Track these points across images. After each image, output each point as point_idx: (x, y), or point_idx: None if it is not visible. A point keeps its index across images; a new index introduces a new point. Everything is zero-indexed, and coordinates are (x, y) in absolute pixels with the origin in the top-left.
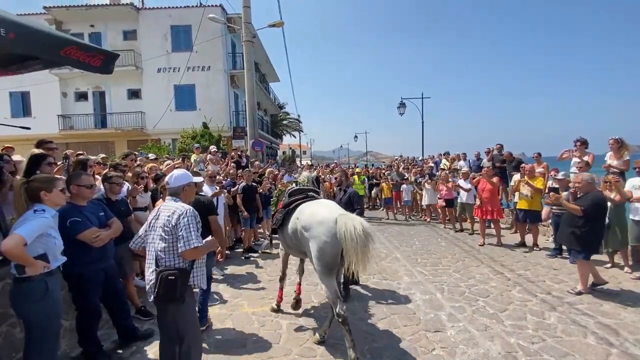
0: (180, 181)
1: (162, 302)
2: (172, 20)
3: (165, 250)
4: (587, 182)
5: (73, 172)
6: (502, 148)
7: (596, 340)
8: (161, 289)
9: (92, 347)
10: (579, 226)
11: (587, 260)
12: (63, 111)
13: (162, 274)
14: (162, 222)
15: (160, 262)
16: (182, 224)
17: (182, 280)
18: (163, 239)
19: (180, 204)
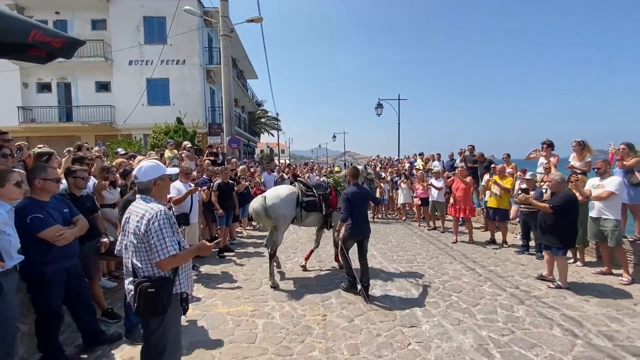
0: (150, 174)
1: (143, 317)
2: (145, 10)
3: (140, 259)
4: (557, 182)
5: (36, 165)
6: (474, 149)
7: (562, 332)
8: (141, 302)
9: (52, 351)
10: (553, 223)
11: (564, 255)
12: (24, 103)
13: (140, 287)
14: (132, 227)
15: (138, 272)
16: (154, 231)
17: (164, 291)
18: (136, 247)
19: (150, 206)
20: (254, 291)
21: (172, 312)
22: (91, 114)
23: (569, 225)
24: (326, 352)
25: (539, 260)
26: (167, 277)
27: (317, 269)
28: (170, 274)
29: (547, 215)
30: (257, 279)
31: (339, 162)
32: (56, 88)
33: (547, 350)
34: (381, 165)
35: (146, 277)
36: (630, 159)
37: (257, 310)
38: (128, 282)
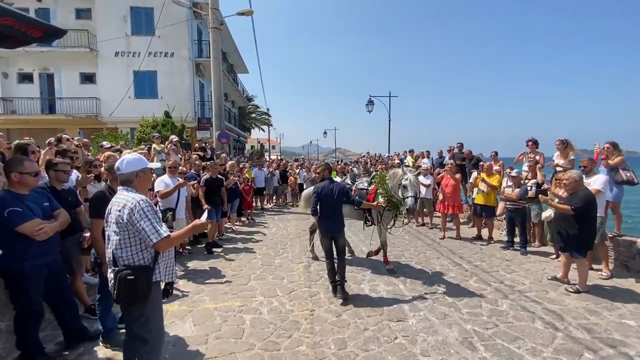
0: (132, 166)
1: (123, 304)
2: (132, 0)
3: (121, 248)
4: (575, 180)
5: (13, 158)
6: (463, 147)
7: (543, 325)
8: (121, 290)
9: (32, 349)
10: (572, 225)
11: (584, 258)
12: (3, 93)
13: (120, 274)
14: (114, 217)
15: (119, 261)
16: (140, 217)
17: (143, 279)
18: (117, 235)
19: (131, 195)
20: (242, 287)
21: (154, 300)
22: (75, 106)
23: (588, 226)
24: (313, 346)
25: (523, 255)
26: (146, 266)
27: (306, 264)
28: (150, 262)
29: (565, 216)
30: (246, 274)
31: (330, 159)
32: (38, 79)
33: (529, 342)
34: (371, 162)
35: (126, 265)
36: (614, 158)
37: (245, 306)
38: (109, 271)
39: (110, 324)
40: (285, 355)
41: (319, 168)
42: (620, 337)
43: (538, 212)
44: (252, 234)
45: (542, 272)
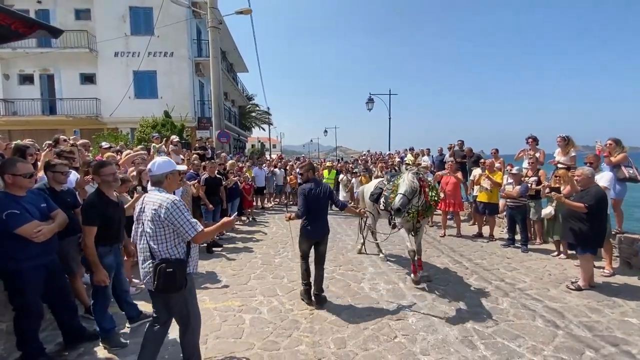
0: (162, 169)
1: (163, 294)
2: (131, 0)
3: (158, 243)
4: (588, 177)
5: (7, 159)
6: (463, 144)
7: (544, 323)
8: (161, 281)
9: (32, 349)
10: (584, 222)
11: (594, 255)
12: (5, 95)
13: (159, 267)
14: (149, 215)
15: (156, 255)
16: (177, 215)
17: (179, 271)
18: (154, 232)
19: (165, 195)
20: (242, 286)
21: (190, 288)
22: (76, 106)
23: (599, 223)
24: (313, 346)
25: (523, 253)
26: (181, 259)
27: None
28: (183, 255)
29: (576, 213)
30: (245, 274)
31: (331, 157)
32: (39, 80)
33: (529, 341)
34: (371, 160)
35: (164, 259)
36: (617, 155)
37: (245, 306)
38: (146, 264)
39: (107, 324)
40: (285, 354)
41: (302, 168)
42: (622, 335)
43: (537, 210)
44: (253, 233)
45: (543, 269)
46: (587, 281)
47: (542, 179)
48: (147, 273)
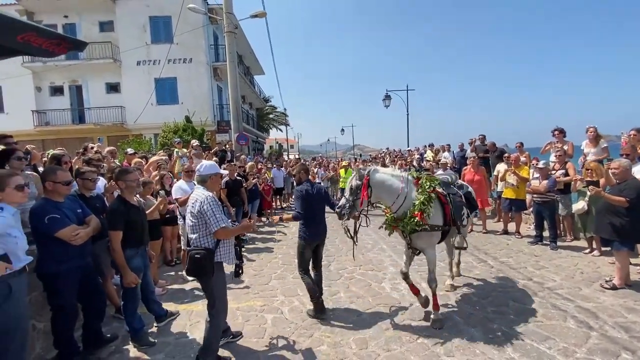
0: (208, 170)
1: (193, 276)
2: (151, 10)
3: (193, 233)
4: (626, 169)
5: (47, 168)
6: (485, 138)
7: (576, 324)
8: (190, 265)
9: (68, 348)
10: (622, 216)
11: (631, 251)
12: (38, 106)
13: (190, 253)
14: (189, 209)
15: (192, 243)
16: (206, 209)
17: (206, 258)
18: (192, 223)
19: (203, 192)
20: (263, 286)
21: (218, 275)
22: (102, 115)
23: (637, 218)
24: (334, 346)
25: (553, 251)
26: (209, 248)
27: (326, 263)
28: (212, 245)
29: (613, 208)
30: (267, 274)
31: (348, 156)
32: (68, 91)
33: (560, 342)
34: (390, 158)
35: (195, 246)
36: None
37: (266, 306)
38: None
39: (137, 324)
40: (307, 354)
41: (294, 170)
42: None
43: (567, 205)
44: (272, 233)
45: (574, 267)
46: (622, 279)
47: (570, 172)
48: None
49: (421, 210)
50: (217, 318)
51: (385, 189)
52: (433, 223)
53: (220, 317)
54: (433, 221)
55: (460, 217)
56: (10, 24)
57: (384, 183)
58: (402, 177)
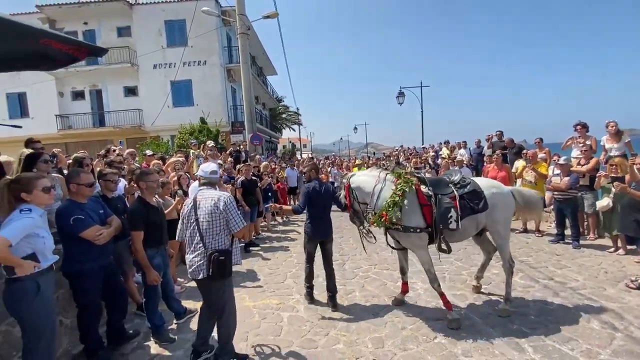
0: (217, 173)
1: (215, 280)
2: (166, 14)
3: (212, 235)
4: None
5: (71, 170)
6: (502, 134)
7: (600, 325)
8: (215, 269)
9: (93, 344)
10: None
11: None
12: (61, 111)
13: (213, 256)
14: (207, 209)
15: (208, 245)
16: (231, 208)
17: (228, 260)
18: (210, 224)
19: (221, 192)
20: (279, 285)
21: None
22: (121, 118)
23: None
24: (350, 345)
25: (575, 249)
26: (229, 250)
27: (340, 262)
28: (229, 246)
29: (638, 204)
30: (282, 272)
31: (362, 154)
32: (89, 95)
33: (583, 344)
34: (405, 156)
35: (215, 249)
36: None
37: (282, 304)
38: (195, 254)
39: (158, 321)
40: (323, 353)
41: (305, 168)
42: None
43: (592, 202)
44: (287, 232)
45: (598, 267)
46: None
47: (592, 165)
48: (194, 262)
49: (385, 211)
50: (229, 319)
51: (362, 189)
52: (408, 224)
53: (232, 317)
54: (408, 222)
55: (446, 220)
56: (34, 30)
57: (360, 184)
58: (377, 176)
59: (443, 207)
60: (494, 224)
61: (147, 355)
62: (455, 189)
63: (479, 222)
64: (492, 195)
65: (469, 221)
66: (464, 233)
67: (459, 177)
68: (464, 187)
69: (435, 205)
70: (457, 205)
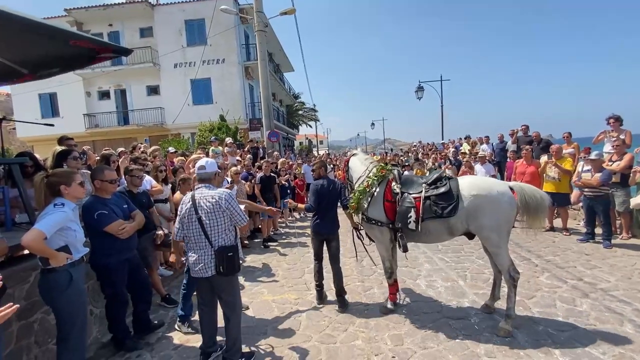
0: (213, 167)
1: (225, 277)
2: (186, 14)
3: (217, 232)
4: None
5: (96, 167)
6: (528, 129)
7: (634, 329)
8: (224, 266)
9: (120, 333)
10: None
11: None
12: (88, 110)
13: (223, 253)
14: (208, 207)
15: (215, 243)
16: (234, 205)
17: (236, 255)
18: (214, 222)
19: (220, 190)
20: (297, 280)
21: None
22: (144, 116)
23: None
24: (369, 341)
25: (606, 249)
26: (235, 245)
27: (359, 258)
28: (234, 242)
29: None
30: (300, 268)
31: (379, 150)
32: (114, 95)
33: (615, 348)
34: (423, 152)
35: (222, 246)
36: None
37: (300, 299)
38: (201, 253)
39: (187, 310)
40: (341, 348)
41: (314, 165)
42: None
43: (625, 199)
44: (305, 228)
45: (631, 267)
46: None
47: (625, 163)
48: (201, 261)
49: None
50: (237, 316)
51: (353, 172)
52: (371, 216)
53: (240, 314)
54: (371, 214)
55: (405, 220)
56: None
57: (353, 167)
58: (367, 167)
59: (404, 207)
60: (481, 230)
61: (171, 345)
62: (424, 189)
63: (452, 226)
64: (474, 199)
65: (437, 224)
66: (430, 235)
67: (434, 177)
68: (437, 189)
69: (397, 203)
70: (419, 207)
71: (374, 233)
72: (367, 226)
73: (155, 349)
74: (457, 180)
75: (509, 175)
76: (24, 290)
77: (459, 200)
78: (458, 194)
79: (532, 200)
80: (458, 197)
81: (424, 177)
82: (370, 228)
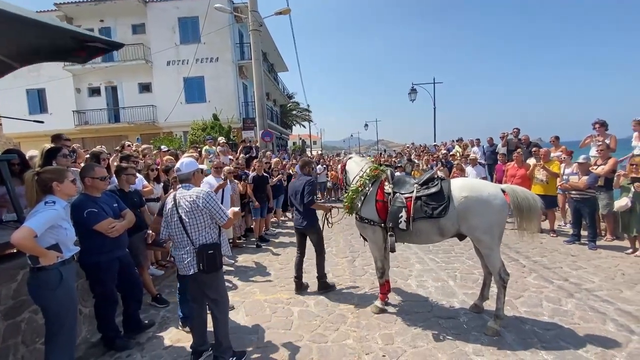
0: (190, 167)
1: (207, 274)
2: (180, 12)
3: (198, 230)
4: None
5: (86, 165)
6: (519, 132)
7: (616, 327)
8: (205, 263)
9: (110, 332)
10: None
11: None
12: (78, 107)
13: (203, 251)
14: (187, 207)
15: (196, 242)
16: (212, 204)
17: (218, 252)
18: (193, 221)
19: (198, 189)
20: (289, 280)
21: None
22: (136, 114)
23: None
24: (360, 340)
25: (591, 250)
26: (217, 243)
27: (350, 259)
28: (216, 239)
29: None
30: (292, 267)
31: (372, 151)
32: (104, 91)
33: (598, 346)
34: (416, 153)
35: (203, 244)
36: None
37: (292, 299)
38: (184, 251)
39: (187, 311)
40: (333, 347)
41: (299, 165)
42: None
43: (608, 202)
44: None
45: (615, 268)
46: None
47: (609, 167)
48: (184, 259)
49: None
50: (224, 314)
51: (349, 173)
52: (363, 215)
53: (226, 312)
54: (364, 213)
55: (396, 219)
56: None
57: (349, 169)
58: (362, 167)
59: (395, 207)
60: (472, 231)
61: (161, 345)
62: (416, 189)
63: (443, 227)
64: (464, 200)
65: (428, 224)
66: (421, 235)
67: (426, 177)
68: (428, 189)
69: (389, 203)
70: (409, 207)
71: (367, 233)
72: (360, 226)
73: (145, 349)
74: (449, 181)
75: (499, 177)
76: (12, 289)
77: (449, 201)
78: (449, 195)
79: (524, 202)
80: (449, 198)
81: (416, 178)
82: (363, 227)
